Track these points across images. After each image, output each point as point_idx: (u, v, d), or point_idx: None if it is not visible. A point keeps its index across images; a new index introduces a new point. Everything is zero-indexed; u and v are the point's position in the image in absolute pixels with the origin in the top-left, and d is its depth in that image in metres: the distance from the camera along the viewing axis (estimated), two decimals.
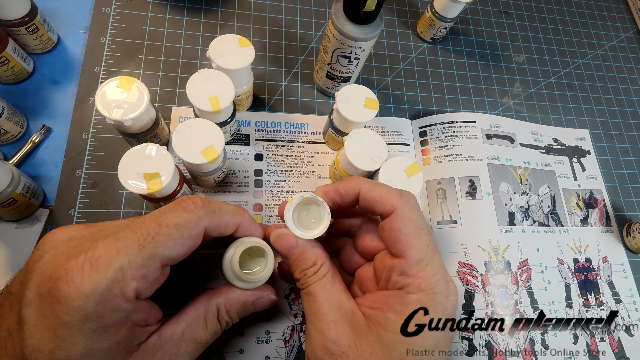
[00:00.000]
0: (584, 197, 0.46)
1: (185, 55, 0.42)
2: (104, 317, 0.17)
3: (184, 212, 0.20)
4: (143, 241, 0.19)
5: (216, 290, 0.24)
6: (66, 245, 0.19)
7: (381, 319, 0.22)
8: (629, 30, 0.61)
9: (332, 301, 0.23)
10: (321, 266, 0.24)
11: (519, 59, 0.53)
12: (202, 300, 0.23)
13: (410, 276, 0.22)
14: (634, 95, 0.56)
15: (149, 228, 0.19)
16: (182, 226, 0.20)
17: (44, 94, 0.38)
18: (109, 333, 0.18)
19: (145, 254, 0.18)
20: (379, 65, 0.48)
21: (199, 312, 0.22)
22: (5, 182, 0.29)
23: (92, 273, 0.17)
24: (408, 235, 0.22)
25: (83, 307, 0.17)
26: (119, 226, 0.21)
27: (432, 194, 0.41)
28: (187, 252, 0.20)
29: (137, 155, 0.28)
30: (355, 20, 0.33)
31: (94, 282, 0.17)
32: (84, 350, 0.17)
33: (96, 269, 0.17)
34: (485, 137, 0.44)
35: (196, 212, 0.21)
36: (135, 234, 0.19)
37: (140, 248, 0.18)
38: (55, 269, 0.18)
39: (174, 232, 0.19)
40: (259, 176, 0.39)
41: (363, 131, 0.34)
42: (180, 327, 0.21)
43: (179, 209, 0.20)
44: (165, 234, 0.19)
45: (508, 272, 0.38)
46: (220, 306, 0.23)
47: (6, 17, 0.34)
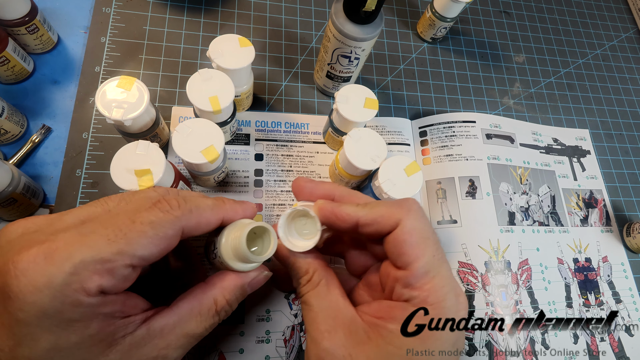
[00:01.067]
0: (584, 197, 0.46)
1: (185, 55, 0.42)
2: (63, 312, 0.16)
3: (159, 212, 0.20)
4: (113, 236, 0.18)
5: (208, 282, 0.23)
6: (20, 238, 0.18)
7: (383, 329, 0.21)
8: (629, 30, 0.61)
9: (327, 310, 0.22)
10: (314, 274, 0.23)
11: (519, 59, 0.53)
12: (196, 293, 0.22)
13: (416, 289, 0.21)
14: (634, 95, 0.56)
15: (121, 223, 0.18)
16: (158, 225, 0.19)
17: (44, 93, 0.38)
18: (76, 327, 0.17)
19: (114, 249, 0.17)
20: (379, 65, 0.48)
21: (193, 306, 0.21)
22: (5, 182, 0.29)
23: (47, 266, 0.16)
24: (413, 246, 0.21)
25: (37, 302, 0.16)
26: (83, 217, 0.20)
27: (432, 194, 0.41)
28: (161, 253, 0.19)
29: (128, 153, 0.27)
30: (355, 20, 0.33)
31: (49, 276, 0.16)
32: (49, 346, 0.17)
33: (51, 261, 0.16)
34: (485, 137, 0.44)
35: (172, 212, 0.20)
36: (105, 229, 0.18)
37: (109, 242, 0.18)
38: (5, 263, 0.17)
39: (148, 230, 0.19)
40: (259, 176, 0.39)
41: (362, 130, 0.34)
42: (172, 320, 0.20)
43: (154, 208, 0.20)
44: (139, 230, 0.18)
45: (508, 271, 0.38)
46: (217, 298, 0.22)
47: (6, 17, 0.34)
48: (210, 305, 0.22)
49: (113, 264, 0.17)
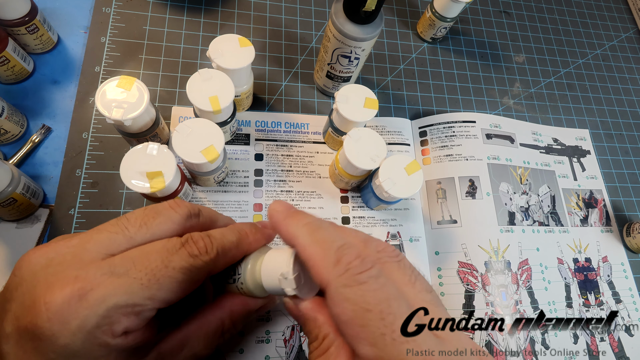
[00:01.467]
0: (584, 197, 0.46)
1: (185, 55, 0.42)
2: (92, 352, 0.17)
3: (189, 257, 0.20)
4: (147, 280, 0.18)
5: (218, 305, 0.23)
6: (45, 271, 0.18)
7: None
8: (629, 30, 0.61)
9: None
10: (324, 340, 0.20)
11: (519, 59, 0.53)
12: (205, 315, 0.22)
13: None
14: (634, 95, 0.56)
15: (155, 267, 0.18)
16: (189, 271, 0.19)
17: (44, 93, 0.38)
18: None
19: (147, 294, 0.18)
20: (379, 65, 0.48)
21: (201, 328, 0.22)
22: (5, 182, 0.29)
23: (81, 308, 0.16)
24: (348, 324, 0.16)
25: (70, 345, 0.16)
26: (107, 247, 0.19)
27: (432, 194, 0.41)
28: (185, 294, 0.20)
29: (138, 155, 0.28)
30: (355, 20, 0.33)
31: (82, 319, 0.16)
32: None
33: (86, 304, 0.16)
34: (485, 137, 0.44)
35: (202, 258, 0.20)
36: (138, 271, 0.18)
37: (142, 287, 0.18)
38: (35, 302, 0.16)
39: (180, 277, 0.19)
40: (259, 176, 0.39)
41: (362, 130, 0.34)
42: (181, 342, 0.21)
43: (184, 251, 0.20)
44: (172, 276, 0.19)
45: (508, 271, 0.38)
46: (225, 320, 0.22)
47: (6, 17, 0.34)
48: (218, 327, 0.22)
49: (142, 307, 0.18)
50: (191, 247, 0.20)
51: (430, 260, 0.39)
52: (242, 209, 0.37)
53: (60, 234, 0.33)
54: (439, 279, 0.38)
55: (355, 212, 0.39)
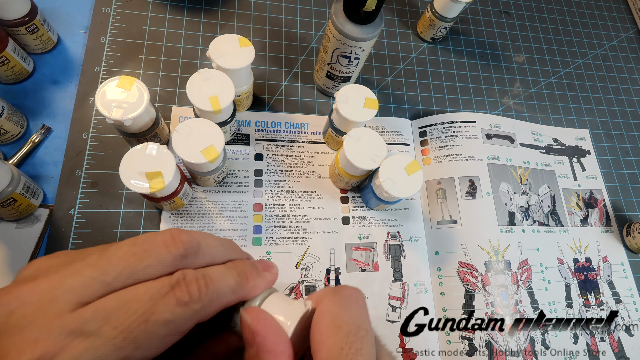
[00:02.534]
0: (584, 197, 0.46)
1: (185, 55, 0.42)
2: None
3: (176, 307, 0.17)
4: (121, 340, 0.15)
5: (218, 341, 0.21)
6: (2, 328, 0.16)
7: None
8: (629, 30, 0.61)
9: None
10: None
11: (519, 59, 0.53)
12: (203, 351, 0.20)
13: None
14: (634, 95, 0.56)
15: (133, 324, 0.16)
16: (173, 323, 0.17)
17: (44, 93, 0.38)
18: None
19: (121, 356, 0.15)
20: (379, 65, 0.48)
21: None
22: (5, 182, 0.29)
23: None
24: (321, 331, 0.17)
25: None
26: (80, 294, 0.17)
27: (432, 194, 0.41)
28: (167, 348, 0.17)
29: (138, 155, 0.28)
30: (355, 20, 0.33)
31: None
32: None
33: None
34: (485, 137, 0.44)
35: (191, 306, 0.17)
36: (113, 329, 0.16)
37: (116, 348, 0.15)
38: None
39: (161, 331, 0.16)
40: (259, 176, 0.39)
41: (362, 130, 0.34)
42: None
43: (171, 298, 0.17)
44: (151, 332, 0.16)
45: (508, 272, 0.38)
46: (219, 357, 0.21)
47: (6, 17, 0.34)
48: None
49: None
50: (182, 292, 0.17)
51: (430, 260, 0.39)
52: (242, 209, 0.37)
53: (60, 234, 0.33)
54: (439, 279, 0.38)
55: (355, 212, 0.39)
